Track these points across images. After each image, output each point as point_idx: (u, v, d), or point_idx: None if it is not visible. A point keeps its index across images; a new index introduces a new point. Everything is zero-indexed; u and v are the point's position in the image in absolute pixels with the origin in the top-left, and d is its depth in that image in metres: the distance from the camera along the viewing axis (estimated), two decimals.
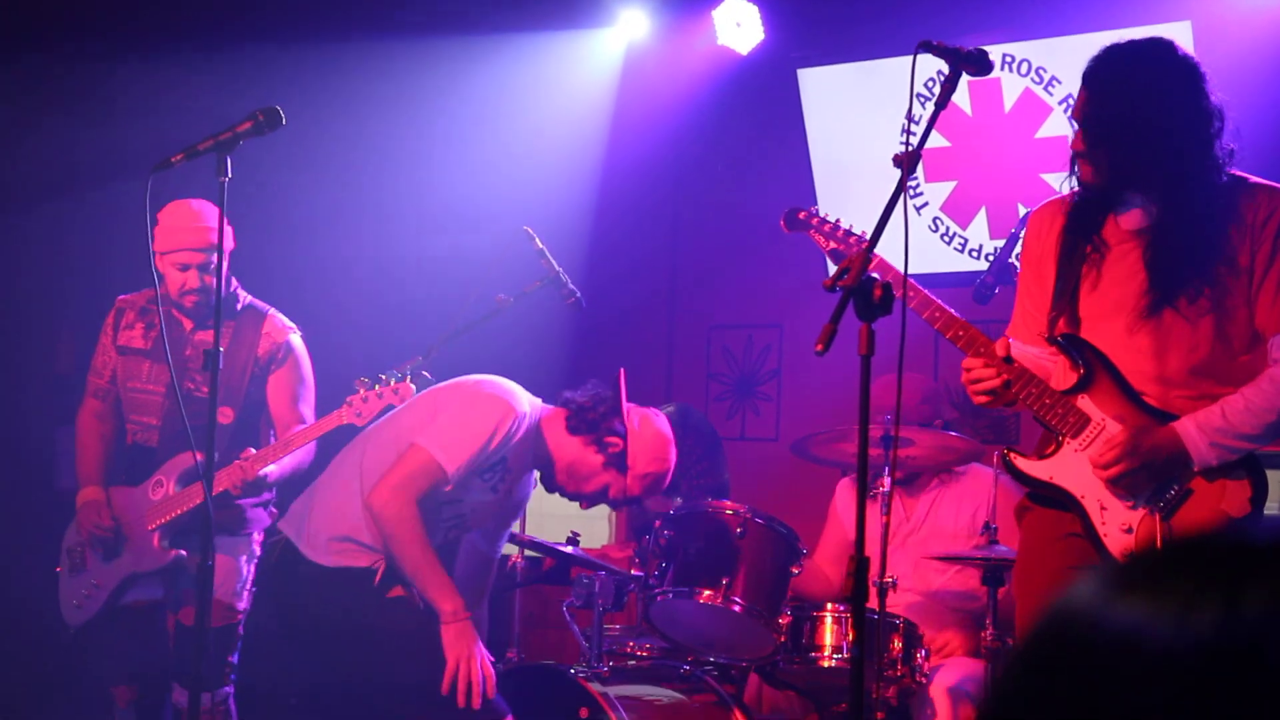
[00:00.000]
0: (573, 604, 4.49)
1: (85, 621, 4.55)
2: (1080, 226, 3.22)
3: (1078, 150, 3.18)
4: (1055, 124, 5.66)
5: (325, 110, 6.03)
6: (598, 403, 4.12)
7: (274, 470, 4.38)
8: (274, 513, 4.66)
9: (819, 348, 2.64)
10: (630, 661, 4.57)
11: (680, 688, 4.42)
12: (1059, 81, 5.64)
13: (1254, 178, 3.14)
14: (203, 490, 4.40)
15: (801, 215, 3.64)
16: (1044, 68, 5.68)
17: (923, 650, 4.22)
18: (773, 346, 6.62)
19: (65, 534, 4.66)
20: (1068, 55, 5.58)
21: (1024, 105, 5.74)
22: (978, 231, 5.92)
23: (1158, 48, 3.16)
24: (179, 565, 4.46)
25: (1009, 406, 3.23)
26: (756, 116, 6.56)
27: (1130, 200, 3.16)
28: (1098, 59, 3.16)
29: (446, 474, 3.89)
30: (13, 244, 6.11)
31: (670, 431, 4.19)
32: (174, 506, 4.45)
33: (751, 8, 6.27)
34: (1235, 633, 0.66)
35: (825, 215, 3.59)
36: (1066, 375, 3.20)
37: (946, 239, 5.99)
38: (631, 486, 4.11)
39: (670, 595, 4.29)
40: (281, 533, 4.10)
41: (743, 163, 6.65)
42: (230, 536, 4.47)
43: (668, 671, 4.48)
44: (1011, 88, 5.75)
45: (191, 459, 4.47)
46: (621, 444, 4.06)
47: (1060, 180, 3.33)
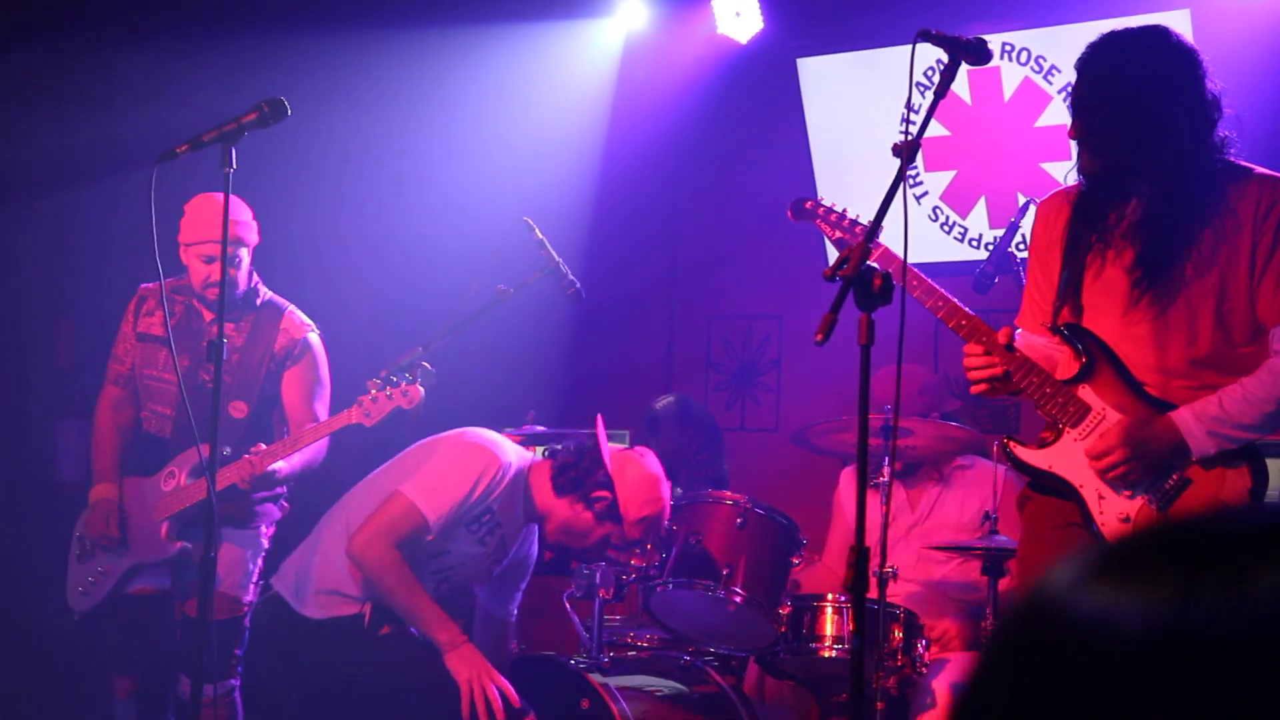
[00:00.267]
0: (573, 595, 4.49)
1: (90, 608, 4.56)
2: (1086, 216, 3.21)
3: (1073, 137, 3.17)
4: (1055, 113, 5.66)
5: (325, 102, 6.02)
6: (579, 458, 4.05)
7: (284, 466, 4.38)
8: (285, 507, 4.66)
9: (819, 338, 2.64)
10: (631, 652, 4.58)
11: (681, 678, 4.43)
12: (1058, 70, 5.63)
13: (1256, 167, 3.13)
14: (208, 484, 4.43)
15: (808, 205, 3.63)
16: (1043, 56, 5.68)
17: (923, 640, 4.23)
18: (772, 336, 6.62)
19: (78, 522, 4.67)
20: (1067, 44, 5.55)
21: (1023, 94, 5.73)
22: (977, 221, 5.92)
23: (1154, 35, 3.15)
24: (185, 556, 4.46)
25: (1013, 395, 3.23)
26: (756, 106, 6.55)
27: (1132, 189, 3.15)
28: (1094, 46, 3.15)
29: (427, 521, 3.84)
30: (14, 236, 6.10)
31: (658, 468, 4.12)
32: (184, 498, 4.45)
33: None
34: (1210, 623, 0.65)
35: (832, 205, 3.59)
36: (1068, 365, 3.20)
37: (946, 228, 5.99)
38: (630, 533, 4.04)
39: (670, 586, 4.29)
40: (274, 588, 4.08)
41: (742, 152, 6.64)
42: (237, 530, 4.47)
43: (668, 662, 4.48)
44: (1011, 76, 5.75)
45: (204, 451, 4.48)
46: (610, 495, 3.99)
47: (1060, 169, 3.33)
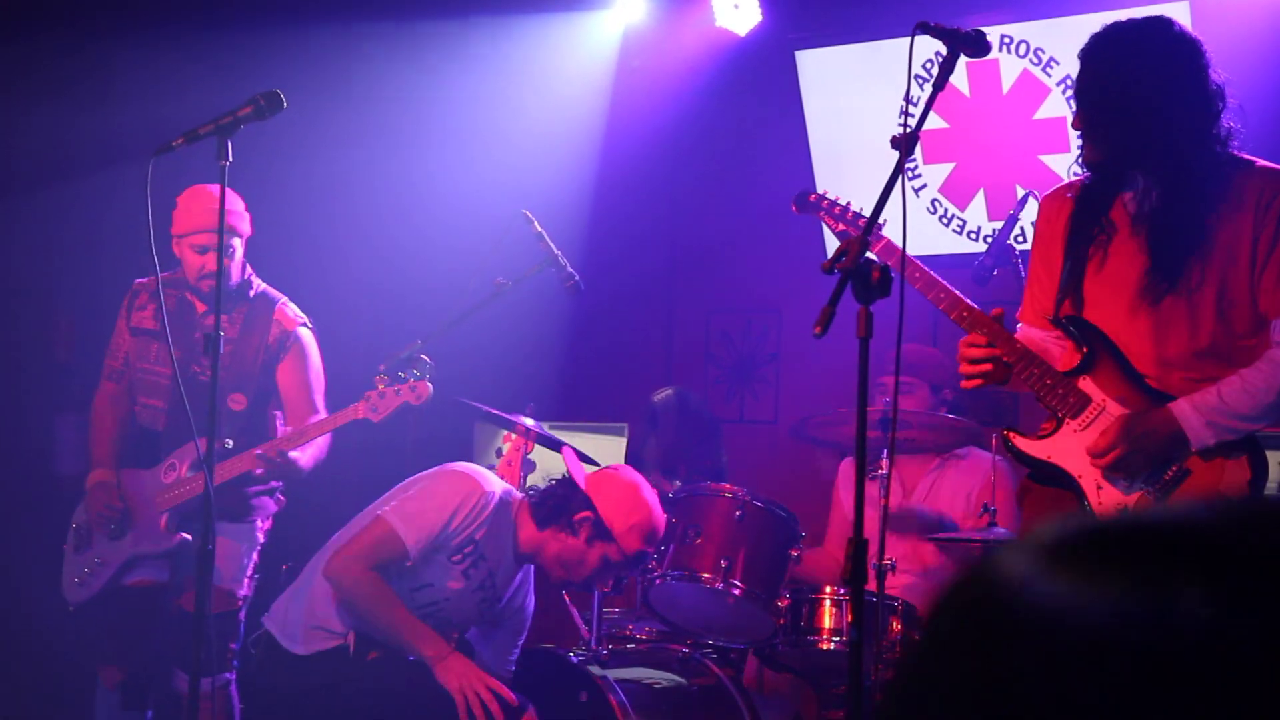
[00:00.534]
0: (572, 587, 4.50)
1: (86, 599, 4.56)
2: (1088, 209, 3.21)
3: (1076, 128, 3.17)
4: (1053, 105, 5.65)
5: (322, 95, 6.01)
6: (555, 487, 4.01)
7: (303, 459, 4.39)
8: (281, 500, 4.66)
9: (817, 330, 2.64)
10: (629, 645, 4.58)
11: (679, 671, 4.43)
12: (1057, 62, 5.63)
13: (1259, 160, 3.13)
14: (215, 474, 4.43)
15: (812, 197, 3.63)
16: (1042, 49, 5.67)
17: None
18: (771, 329, 6.61)
19: (74, 512, 4.68)
20: (1066, 36, 5.56)
21: (1022, 86, 5.73)
22: (976, 213, 5.92)
23: (1157, 25, 3.15)
24: (184, 549, 4.47)
25: (999, 385, 3.23)
26: (754, 98, 6.55)
27: (1135, 182, 3.15)
28: (1097, 37, 3.14)
29: (405, 546, 3.81)
30: (11, 230, 6.10)
31: (636, 477, 4.06)
32: (185, 491, 4.46)
33: None
34: (1176, 627, 0.60)
35: (836, 198, 3.59)
36: (1069, 356, 3.20)
37: (945, 221, 5.98)
38: (626, 545, 3.95)
39: (669, 578, 4.30)
40: (264, 626, 4.07)
41: (741, 145, 6.63)
42: (233, 523, 4.47)
43: (667, 655, 4.49)
44: (1010, 69, 5.74)
45: (204, 444, 4.49)
46: (591, 514, 3.94)
47: (1059, 161, 3.33)
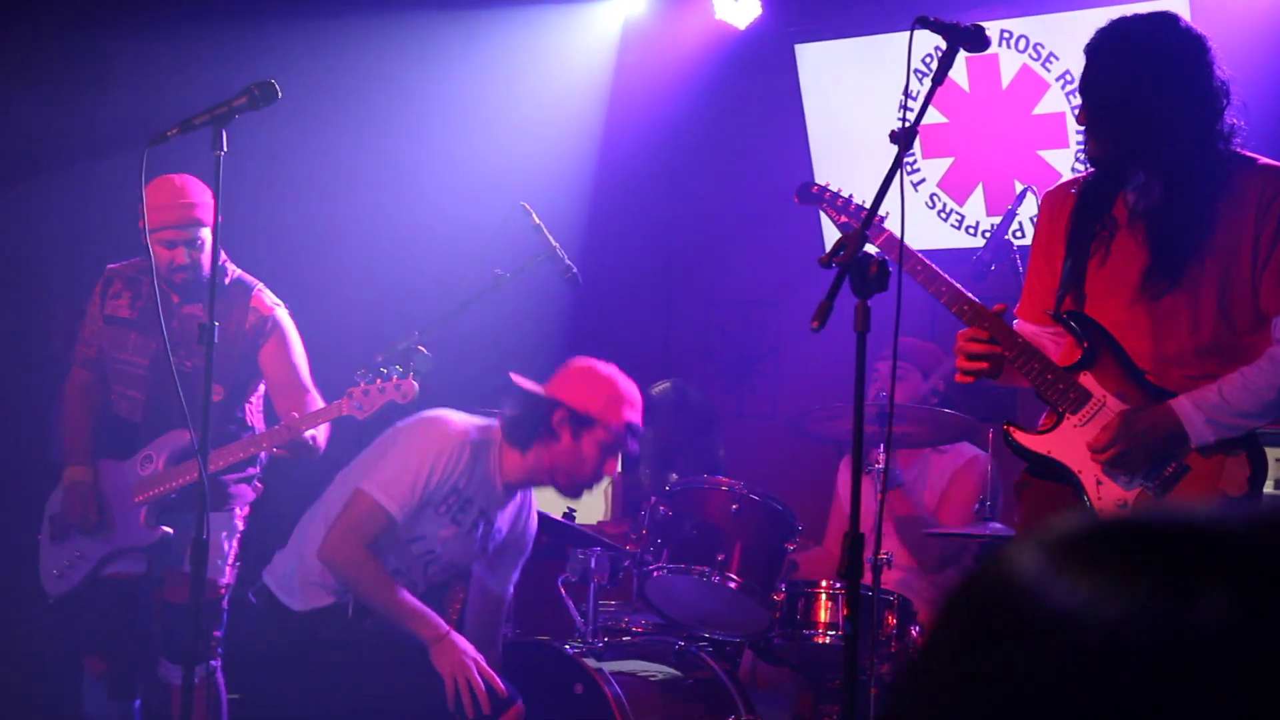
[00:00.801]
0: (568, 580, 4.50)
1: (66, 591, 4.55)
2: (1091, 205, 3.21)
3: (1081, 123, 3.16)
4: (1052, 100, 5.65)
5: (320, 86, 6.01)
6: (518, 409, 3.97)
7: (321, 436, 4.39)
8: (258, 488, 4.65)
9: (815, 325, 2.64)
10: (625, 638, 4.58)
11: (675, 664, 4.43)
12: (1056, 58, 5.63)
13: (1261, 158, 3.13)
14: (195, 467, 4.41)
15: (814, 189, 3.63)
16: (1041, 44, 5.67)
17: (917, 626, 4.24)
18: (769, 323, 6.61)
19: (49, 501, 4.65)
20: (1065, 31, 5.56)
21: (1021, 81, 5.72)
22: (975, 208, 5.92)
23: (1163, 21, 3.15)
24: (164, 542, 4.46)
25: (992, 379, 3.23)
26: (754, 92, 6.54)
27: (1137, 178, 3.15)
28: (1102, 32, 3.13)
29: (391, 514, 3.81)
30: (7, 217, 6.09)
31: (588, 360, 4.01)
32: (165, 484, 4.44)
33: None
34: (1196, 631, 0.60)
35: (838, 190, 3.58)
36: (1070, 351, 3.20)
37: (943, 215, 5.98)
38: (612, 422, 3.91)
39: (666, 571, 4.30)
40: (263, 580, 4.07)
41: (740, 139, 6.63)
42: (213, 512, 4.46)
43: (663, 648, 4.49)
44: (1009, 64, 5.74)
45: (183, 436, 4.47)
46: (564, 411, 3.91)
47: (1057, 156, 3.33)
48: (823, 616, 4.21)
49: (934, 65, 3.00)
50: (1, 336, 6.12)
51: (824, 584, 4.25)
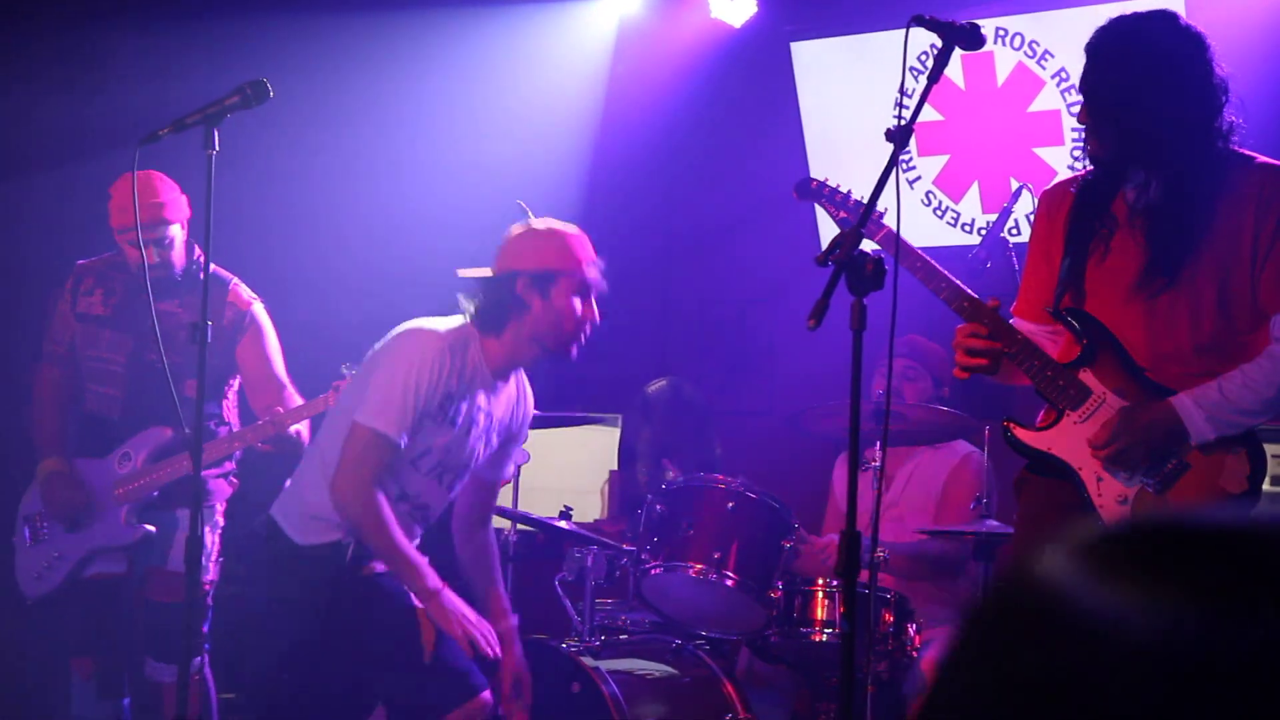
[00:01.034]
0: (565, 578, 4.49)
1: (45, 594, 4.51)
2: (1090, 203, 3.21)
3: (1083, 123, 3.15)
4: (1048, 98, 5.65)
5: (315, 84, 6.00)
6: (480, 296, 3.88)
7: (304, 430, 4.37)
8: (234, 483, 4.63)
9: (811, 323, 2.64)
10: (622, 636, 4.58)
11: (672, 662, 4.43)
12: (1051, 55, 5.63)
13: (1259, 156, 3.14)
14: (176, 464, 4.40)
15: (813, 185, 3.62)
16: (1036, 41, 5.67)
17: (913, 624, 4.24)
18: (766, 321, 6.61)
19: (22, 502, 4.61)
20: (1061, 29, 5.56)
21: (1016, 79, 5.72)
22: (970, 206, 5.92)
23: (1163, 19, 3.15)
24: (144, 540, 4.43)
25: (988, 375, 3.23)
26: (749, 90, 6.54)
27: (1137, 176, 3.15)
28: (1102, 31, 3.13)
29: (391, 439, 3.74)
30: (4, 215, 6.07)
31: (518, 226, 3.94)
32: (145, 482, 4.41)
33: None
34: (1228, 638, 0.58)
35: (836, 185, 3.58)
36: (1069, 349, 3.21)
37: (939, 213, 5.98)
38: (574, 269, 3.83)
39: (662, 569, 4.30)
40: (270, 512, 4.05)
41: (735, 137, 6.63)
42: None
43: (659, 646, 4.49)
44: (1004, 61, 5.74)
45: (163, 433, 4.45)
46: (523, 277, 3.82)
47: (1053, 154, 3.33)
48: (820, 614, 4.21)
49: (929, 63, 3.00)
50: (4, 332, 6.11)
51: (820, 581, 4.25)
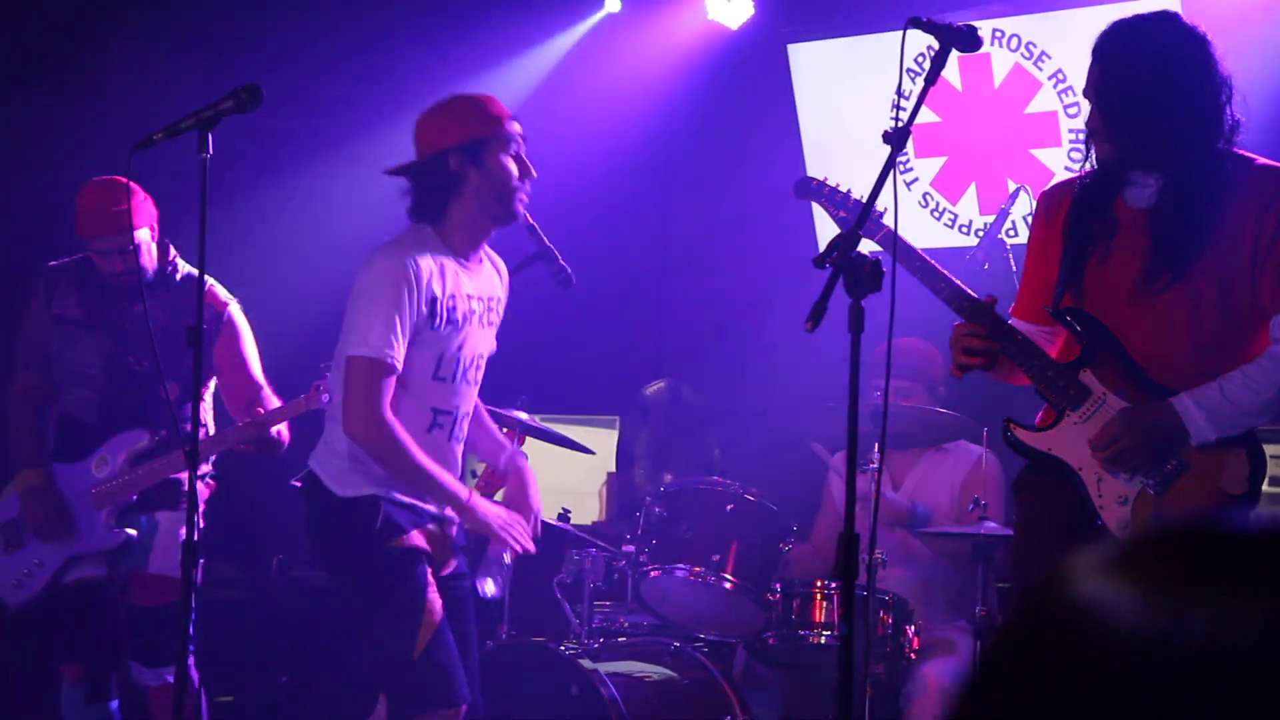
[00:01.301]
0: (563, 580, 4.49)
1: (26, 601, 4.48)
2: (1089, 205, 3.21)
3: (1094, 128, 3.15)
4: (1045, 99, 5.65)
5: (312, 84, 6.00)
6: (414, 189, 3.82)
7: (286, 433, 4.36)
8: (211, 485, 4.60)
9: (809, 325, 2.64)
10: (620, 638, 4.58)
11: (670, 664, 4.43)
12: (1048, 56, 5.63)
13: (1259, 158, 3.14)
14: (157, 468, 4.39)
15: (812, 184, 3.62)
16: (1033, 43, 5.67)
17: (912, 626, 4.23)
18: (763, 323, 6.61)
19: None
20: (1057, 30, 5.56)
21: (1013, 80, 5.73)
22: (968, 207, 5.92)
23: (1168, 20, 3.16)
24: (125, 544, 4.41)
25: (985, 372, 3.23)
26: (746, 92, 6.54)
27: (1138, 177, 3.15)
28: (1109, 34, 3.13)
29: (388, 362, 3.65)
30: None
31: (421, 113, 3.89)
32: (125, 486, 4.38)
33: None
34: (1235, 637, 0.60)
35: (835, 184, 3.58)
36: (1068, 349, 3.21)
37: (936, 214, 5.98)
38: (497, 129, 3.76)
39: (661, 572, 4.30)
40: (309, 467, 3.97)
41: (732, 138, 6.63)
42: (171, 511, 4.42)
43: (658, 648, 4.48)
44: (1001, 63, 5.74)
45: (140, 437, 4.43)
46: (449, 152, 3.75)
47: (1050, 155, 3.33)
48: (817, 616, 4.21)
49: (926, 65, 3.00)
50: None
51: (818, 584, 4.25)
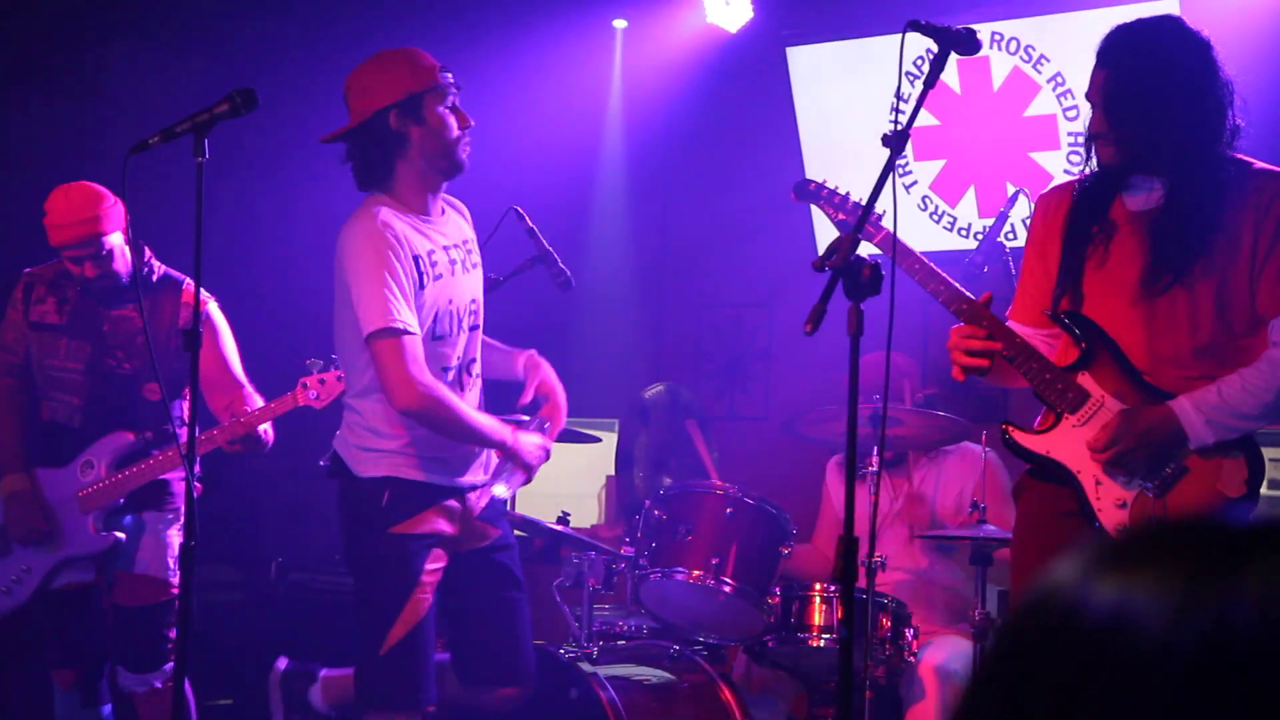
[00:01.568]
0: (562, 584, 4.49)
1: (14, 608, 4.46)
2: (1088, 208, 3.22)
3: (1098, 132, 3.15)
4: (1043, 102, 5.65)
5: (311, 88, 5.99)
6: (356, 155, 3.82)
7: (270, 432, 4.35)
8: (198, 487, 4.60)
9: (808, 328, 2.64)
10: (620, 642, 4.58)
11: (670, 667, 4.43)
12: (1047, 59, 5.63)
13: (1257, 162, 3.15)
14: (142, 471, 4.38)
15: (811, 186, 3.62)
16: (1032, 46, 5.67)
17: (911, 629, 4.23)
18: (763, 325, 6.61)
19: None
20: (1056, 33, 5.56)
21: (1012, 83, 5.73)
22: (966, 210, 5.92)
23: (1172, 24, 3.17)
24: (113, 547, 4.41)
25: (980, 375, 3.23)
26: (745, 95, 6.54)
27: (1137, 180, 3.16)
28: (1113, 38, 3.14)
29: (407, 328, 3.65)
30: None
31: (373, 57, 3.86)
32: (111, 489, 4.37)
33: None
34: (1234, 628, 0.61)
35: (835, 187, 3.58)
36: (1068, 351, 3.21)
37: (935, 218, 5.99)
38: (429, 80, 3.76)
39: (660, 575, 4.29)
40: (333, 448, 3.94)
41: (731, 141, 6.63)
42: (155, 512, 4.41)
43: (657, 651, 4.48)
44: (1000, 66, 5.74)
45: (124, 439, 4.42)
46: (388, 111, 3.74)
47: (1049, 159, 3.33)
48: (817, 619, 4.21)
49: (925, 68, 3.00)
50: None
51: (818, 587, 4.25)
